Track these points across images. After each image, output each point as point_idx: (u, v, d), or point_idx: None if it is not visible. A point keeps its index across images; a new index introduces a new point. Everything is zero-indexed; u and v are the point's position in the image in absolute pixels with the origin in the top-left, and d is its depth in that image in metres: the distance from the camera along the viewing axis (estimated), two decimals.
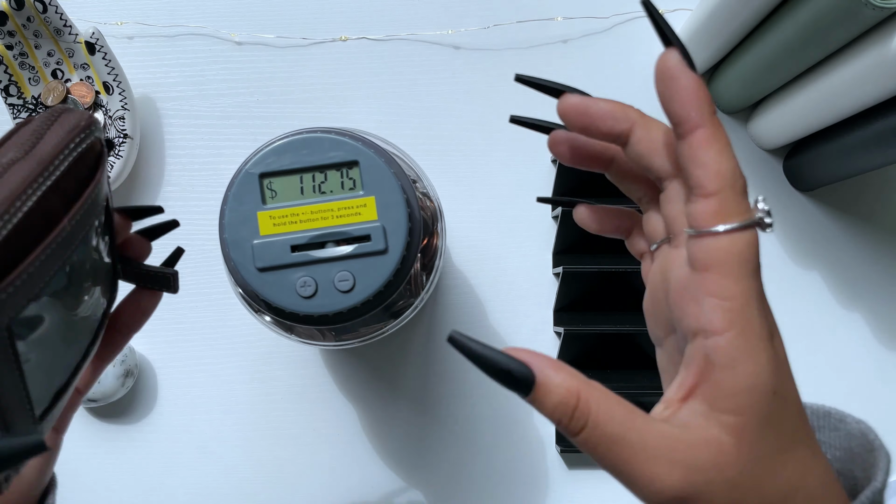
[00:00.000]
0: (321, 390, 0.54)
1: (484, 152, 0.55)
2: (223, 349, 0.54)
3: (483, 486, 0.53)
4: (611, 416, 0.21)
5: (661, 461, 0.20)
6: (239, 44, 0.56)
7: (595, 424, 0.21)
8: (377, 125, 0.55)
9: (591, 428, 0.21)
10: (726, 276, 0.20)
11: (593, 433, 0.21)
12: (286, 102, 0.56)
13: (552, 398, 0.21)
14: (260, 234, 0.34)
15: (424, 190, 0.41)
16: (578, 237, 0.53)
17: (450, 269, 0.55)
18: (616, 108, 0.23)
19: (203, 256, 0.54)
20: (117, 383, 0.50)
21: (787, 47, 0.45)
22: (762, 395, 0.20)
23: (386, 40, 0.56)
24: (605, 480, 0.53)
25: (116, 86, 0.52)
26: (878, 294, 0.54)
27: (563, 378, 0.21)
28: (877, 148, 0.45)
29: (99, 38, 0.51)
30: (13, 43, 0.52)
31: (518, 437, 0.53)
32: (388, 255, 0.34)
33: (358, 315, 0.35)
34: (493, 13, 0.56)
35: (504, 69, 0.56)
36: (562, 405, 0.21)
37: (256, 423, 0.54)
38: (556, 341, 0.54)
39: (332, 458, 0.53)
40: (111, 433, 0.54)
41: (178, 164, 0.55)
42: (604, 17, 0.56)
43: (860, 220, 0.55)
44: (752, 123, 0.55)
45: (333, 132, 0.34)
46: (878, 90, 0.42)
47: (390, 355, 0.54)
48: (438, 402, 0.54)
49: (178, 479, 0.53)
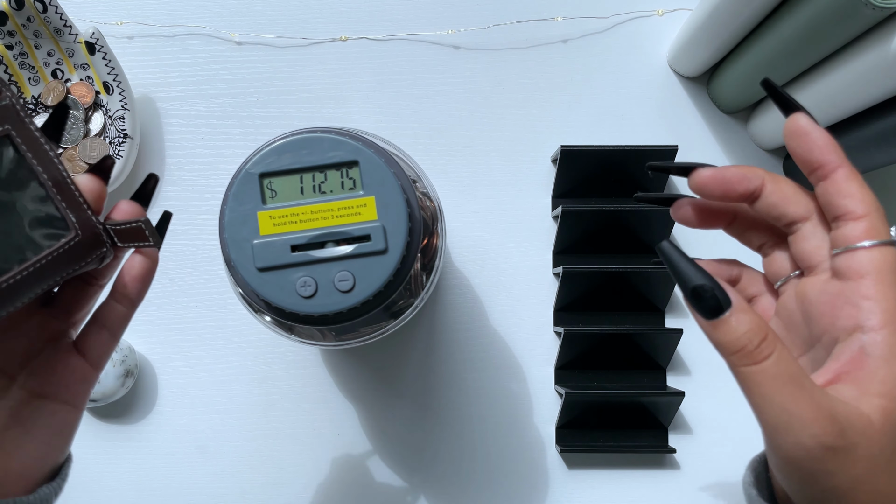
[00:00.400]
0: (321, 390, 0.54)
1: (484, 152, 0.55)
2: (223, 349, 0.54)
3: (483, 486, 0.53)
4: (791, 362, 0.23)
5: (824, 413, 0.22)
6: (239, 44, 0.56)
7: (781, 357, 0.23)
8: (377, 125, 0.55)
9: (776, 360, 0.23)
10: (880, 282, 0.24)
11: (776, 366, 0.23)
12: (286, 102, 0.56)
13: (745, 324, 0.23)
14: (260, 234, 0.34)
15: (424, 190, 0.41)
16: (578, 237, 0.53)
17: (450, 269, 0.55)
18: (746, 170, 0.27)
19: (203, 256, 0.54)
20: (117, 383, 0.50)
21: (786, 47, 0.45)
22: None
23: (386, 40, 0.56)
24: (605, 480, 0.53)
25: (116, 86, 0.52)
26: None
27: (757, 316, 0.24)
28: (877, 148, 0.45)
29: (99, 38, 0.51)
30: (13, 43, 0.52)
31: (518, 437, 0.53)
32: (388, 255, 0.34)
33: (358, 315, 0.35)
34: (493, 13, 0.56)
35: (504, 69, 0.56)
36: (752, 332, 0.23)
37: (256, 423, 0.54)
38: (556, 341, 0.54)
39: (332, 458, 0.53)
40: (111, 433, 0.54)
41: (178, 164, 0.55)
42: (604, 17, 0.56)
43: None
44: (752, 123, 0.55)
45: (333, 132, 0.34)
46: (878, 90, 0.42)
47: (390, 355, 0.54)
48: (438, 402, 0.54)
49: (178, 479, 0.53)
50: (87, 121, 0.53)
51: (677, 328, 0.50)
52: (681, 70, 0.55)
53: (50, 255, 0.27)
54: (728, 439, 0.53)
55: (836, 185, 0.25)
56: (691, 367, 0.53)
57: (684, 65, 0.55)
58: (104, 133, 0.53)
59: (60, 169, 0.28)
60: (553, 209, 0.55)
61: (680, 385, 0.52)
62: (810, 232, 0.27)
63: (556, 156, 0.54)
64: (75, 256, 0.29)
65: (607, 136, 0.55)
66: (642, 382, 0.53)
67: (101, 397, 0.50)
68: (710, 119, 0.56)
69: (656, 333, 0.51)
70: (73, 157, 0.53)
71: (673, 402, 0.50)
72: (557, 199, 0.55)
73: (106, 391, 0.50)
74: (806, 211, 0.27)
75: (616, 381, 0.52)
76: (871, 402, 0.23)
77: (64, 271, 0.28)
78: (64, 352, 0.30)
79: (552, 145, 0.55)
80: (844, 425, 0.22)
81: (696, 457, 0.53)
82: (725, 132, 0.56)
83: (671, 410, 0.51)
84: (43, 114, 0.53)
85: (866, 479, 0.23)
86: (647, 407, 0.52)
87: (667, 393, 0.50)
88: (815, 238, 0.27)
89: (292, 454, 0.53)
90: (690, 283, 0.24)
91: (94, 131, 0.53)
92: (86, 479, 0.53)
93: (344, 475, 0.53)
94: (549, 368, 0.54)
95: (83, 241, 0.29)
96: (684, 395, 0.49)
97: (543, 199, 0.55)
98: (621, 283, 0.52)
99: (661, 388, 0.52)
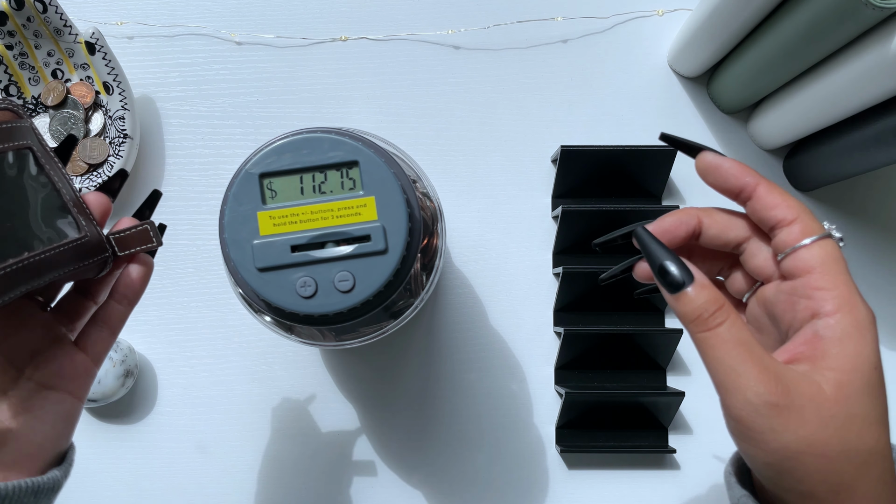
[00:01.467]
0: (321, 390, 0.54)
1: (484, 152, 0.55)
2: (223, 349, 0.54)
3: (483, 485, 0.53)
4: (742, 328, 0.26)
5: (771, 374, 0.25)
6: (239, 44, 0.56)
7: (733, 324, 0.26)
8: (377, 125, 0.55)
9: (729, 325, 0.26)
10: (827, 272, 0.26)
11: (728, 331, 0.25)
12: (286, 102, 0.56)
13: (703, 296, 0.26)
14: (260, 234, 0.34)
15: (424, 190, 0.41)
16: (578, 237, 0.53)
17: (450, 269, 0.55)
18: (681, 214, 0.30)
19: (203, 256, 0.54)
20: (117, 383, 0.50)
21: (786, 47, 0.45)
22: (864, 364, 0.25)
23: (386, 40, 0.56)
24: (605, 480, 0.53)
25: (116, 86, 0.52)
26: (877, 294, 0.54)
27: (715, 289, 0.27)
28: (877, 148, 0.45)
29: (99, 38, 0.51)
30: (13, 43, 0.52)
31: (518, 437, 0.53)
32: (388, 255, 0.34)
33: (358, 315, 0.35)
34: (493, 13, 0.56)
35: (504, 69, 0.56)
36: (709, 302, 0.26)
37: (256, 423, 0.54)
38: (556, 341, 0.54)
39: (332, 457, 0.53)
40: (111, 433, 0.54)
41: (178, 164, 0.55)
42: (604, 17, 0.56)
43: (860, 220, 0.55)
44: (752, 123, 0.55)
45: (333, 132, 0.34)
46: (878, 90, 0.42)
47: (390, 355, 0.54)
48: (438, 402, 0.54)
49: (178, 479, 0.53)
50: (87, 121, 0.53)
51: (677, 328, 0.50)
52: (681, 70, 0.55)
53: (59, 248, 0.31)
54: (728, 439, 0.52)
55: (761, 201, 0.28)
56: (691, 367, 0.53)
57: (684, 65, 0.55)
58: (104, 133, 0.53)
59: (71, 185, 0.33)
60: (553, 209, 0.55)
61: (680, 385, 0.52)
62: (756, 248, 0.30)
63: (556, 156, 0.54)
64: (80, 254, 0.32)
65: (607, 136, 0.55)
66: (642, 382, 0.53)
67: (101, 397, 0.50)
68: (710, 119, 0.56)
69: (656, 333, 0.51)
70: (73, 157, 0.53)
71: (673, 402, 0.50)
72: (557, 199, 0.55)
73: (106, 391, 0.50)
74: (745, 232, 0.30)
75: (616, 381, 0.52)
76: (824, 375, 0.25)
77: (69, 266, 0.31)
78: (67, 348, 0.34)
79: (552, 145, 0.55)
80: (790, 386, 0.25)
81: (696, 457, 0.53)
82: (725, 132, 0.56)
83: (671, 410, 0.51)
84: (43, 114, 0.53)
85: (814, 442, 0.24)
86: (647, 407, 0.52)
87: (667, 393, 0.50)
88: (761, 252, 0.29)
89: (292, 454, 0.53)
90: (658, 260, 0.28)
91: (94, 131, 0.53)
92: (86, 479, 0.53)
93: (344, 475, 0.53)
94: (549, 368, 0.54)
95: (89, 242, 0.32)
96: (684, 395, 0.49)
97: (543, 199, 0.55)
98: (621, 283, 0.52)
99: (661, 388, 0.52)
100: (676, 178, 0.55)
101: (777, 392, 0.24)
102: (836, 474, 0.24)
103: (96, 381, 0.50)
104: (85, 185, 0.52)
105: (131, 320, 0.35)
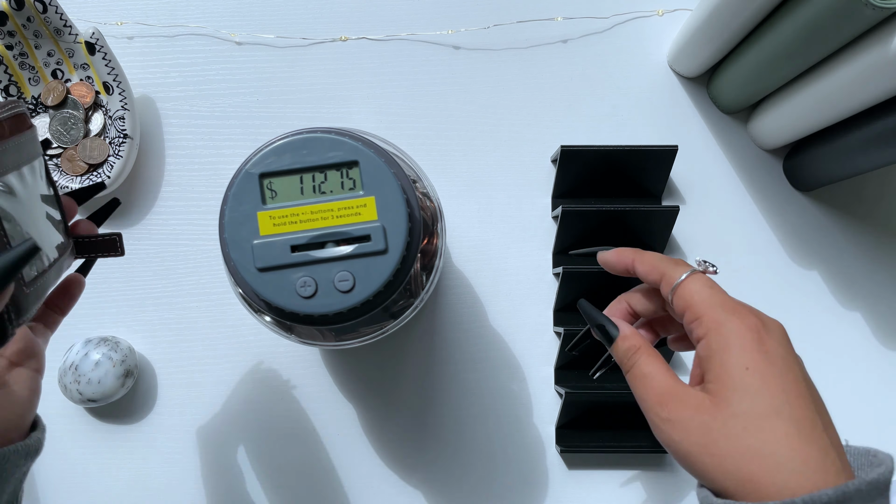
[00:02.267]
0: (321, 390, 0.54)
1: (484, 152, 0.55)
2: (223, 349, 0.54)
3: (483, 485, 0.53)
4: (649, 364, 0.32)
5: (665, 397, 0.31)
6: (239, 44, 0.56)
7: (642, 363, 0.32)
8: (377, 125, 0.55)
9: (640, 364, 0.32)
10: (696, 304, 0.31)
11: (638, 367, 0.32)
12: (286, 102, 0.56)
13: (625, 344, 0.34)
14: (260, 234, 0.34)
15: (424, 190, 0.41)
16: (578, 237, 0.53)
17: (450, 269, 0.55)
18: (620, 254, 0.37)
19: (203, 256, 0.54)
20: (117, 383, 0.50)
21: (786, 47, 0.45)
22: (733, 369, 0.29)
23: (386, 40, 0.56)
24: (605, 480, 0.53)
25: (116, 86, 0.52)
26: (877, 294, 0.54)
27: (635, 337, 0.34)
28: (877, 148, 0.45)
29: (99, 38, 0.51)
30: (13, 43, 0.52)
31: (518, 437, 0.53)
32: (388, 255, 0.34)
33: (358, 315, 0.35)
34: (493, 13, 0.56)
35: (504, 69, 0.56)
36: (629, 349, 0.33)
37: (256, 424, 0.54)
38: (556, 341, 0.54)
39: (333, 457, 0.53)
40: (111, 433, 0.54)
41: (178, 164, 0.55)
42: (604, 17, 0.56)
43: (860, 220, 0.55)
44: (752, 123, 0.55)
45: (333, 132, 0.34)
46: (878, 90, 0.42)
47: (390, 355, 0.54)
48: (438, 402, 0.54)
49: (178, 479, 0.53)
50: (87, 121, 0.53)
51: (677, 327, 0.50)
52: (681, 70, 0.55)
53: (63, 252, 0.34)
54: None
55: (638, 272, 0.35)
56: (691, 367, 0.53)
57: (684, 65, 0.55)
58: (104, 133, 0.53)
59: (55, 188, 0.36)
60: (553, 209, 0.55)
61: None
62: None
63: (556, 156, 0.54)
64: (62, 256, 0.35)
65: (607, 136, 0.55)
66: None
67: (101, 397, 0.50)
68: (710, 119, 0.56)
69: None
70: (73, 157, 0.53)
71: None
72: (557, 199, 0.55)
73: (106, 391, 0.50)
74: None
75: (616, 381, 0.52)
76: (707, 388, 0.30)
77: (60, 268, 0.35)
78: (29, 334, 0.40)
79: (552, 145, 0.55)
80: (680, 404, 0.30)
81: None
82: (725, 132, 0.56)
83: None
84: (43, 114, 0.53)
85: (706, 444, 0.28)
86: None
87: None
88: None
89: (292, 454, 0.53)
90: (595, 321, 0.36)
91: (94, 131, 0.53)
92: (86, 479, 0.53)
93: (344, 475, 0.54)
94: (549, 368, 0.54)
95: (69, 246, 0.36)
96: None
97: (543, 199, 0.55)
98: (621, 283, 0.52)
99: None
100: (676, 178, 0.55)
101: (667, 410, 0.30)
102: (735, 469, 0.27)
103: (97, 381, 0.50)
104: (84, 184, 0.52)
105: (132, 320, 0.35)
